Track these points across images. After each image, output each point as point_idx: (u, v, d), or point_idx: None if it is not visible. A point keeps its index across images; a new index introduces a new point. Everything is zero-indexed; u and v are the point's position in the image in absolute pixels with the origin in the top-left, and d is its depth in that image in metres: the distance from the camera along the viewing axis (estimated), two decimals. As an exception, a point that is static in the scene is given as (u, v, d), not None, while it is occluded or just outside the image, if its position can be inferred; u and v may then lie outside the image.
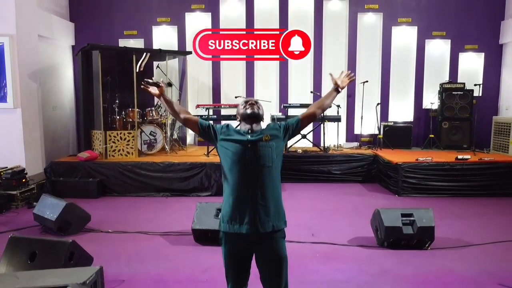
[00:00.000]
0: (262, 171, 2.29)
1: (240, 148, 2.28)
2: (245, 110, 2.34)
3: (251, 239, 2.30)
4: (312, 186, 7.15)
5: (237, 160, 2.28)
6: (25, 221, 5.13)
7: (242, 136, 2.32)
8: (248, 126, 2.35)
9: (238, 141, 2.31)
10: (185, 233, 4.59)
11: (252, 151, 2.28)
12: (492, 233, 4.64)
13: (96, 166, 6.56)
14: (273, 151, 2.33)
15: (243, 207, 2.28)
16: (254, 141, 2.30)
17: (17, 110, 6.54)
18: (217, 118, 7.70)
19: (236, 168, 2.29)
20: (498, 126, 7.71)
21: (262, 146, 2.30)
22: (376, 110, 8.17)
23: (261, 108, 2.39)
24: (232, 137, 2.33)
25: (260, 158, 2.28)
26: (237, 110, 2.46)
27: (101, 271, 3.12)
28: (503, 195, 6.38)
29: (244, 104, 2.39)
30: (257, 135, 2.32)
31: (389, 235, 4.16)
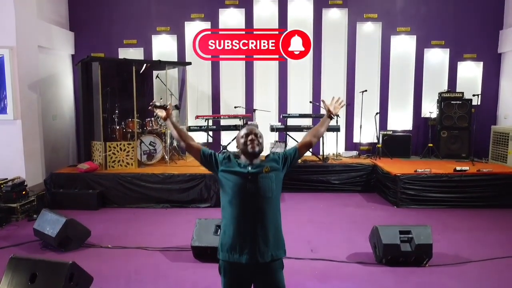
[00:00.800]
0: (263, 202, 2.34)
1: (241, 180, 2.33)
2: (245, 147, 2.38)
3: (250, 269, 2.34)
4: (311, 196, 7.17)
5: (238, 192, 2.33)
6: (26, 235, 5.14)
7: (243, 169, 2.37)
8: (249, 160, 2.39)
9: (238, 173, 2.36)
10: (185, 248, 4.61)
11: (253, 183, 2.33)
12: (490, 249, 4.66)
13: (96, 177, 6.59)
14: (273, 182, 2.38)
15: (243, 237, 2.32)
16: (255, 173, 2.35)
17: (17, 122, 6.56)
18: (217, 128, 7.73)
19: (236, 199, 2.34)
20: (497, 136, 7.74)
21: (262, 177, 2.35)
22: (375, 119, 8.19)
23: (261, 142, 2.42)
24: (233, 169, 2.38)
25: (261, 190, 2.33)
26: (236, 138, 2.50)
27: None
28: (501, 206, 6.41)
29: (244, 138, 2.41)
30: (257, 167, 2.38)
31: (387, 253, 4.19)
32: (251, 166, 2.38)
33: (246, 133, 2.41)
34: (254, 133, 2.40)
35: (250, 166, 2.38)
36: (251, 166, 2.38)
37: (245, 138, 2.39)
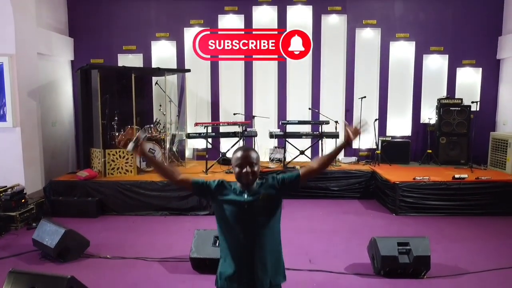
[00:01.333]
0: (260, 230, 2.26)
1: (237, 209, 2.26)
2: (239, 178, 2.27)
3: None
4: (310, 203, 7.19)
5: (235, 221, 2.26)
6: (25, 244, 5.15)
7: (239, 196, 2.28)
8: (244, 187, 2.30)
9: (234, 202, 2.27)
10: (183, 259, 4.62)
11: (249, 211, 2.25)
12: (488, 259, 4.68)
13: (95, 185, 6.60)
14: (270, 209, 2.30)
15: (241, 267, 2.26)
16: (251, 201, 2.26)
17: (16, 129, 6.57)
18: (216, 135, 7.73)
19: (233, 228, 2.27)
20: (496, 142, 7.75)
21: (259, 206, 2.26)
22: (374, 125, 8.20)
23: (257, 170, 2.28)
24: (228, 197, 2.29)
25: (257, 218, 2.26)
26: (232, 161, 2.35)
27: (99, 310, 3.16)
28: (500, 214, 6.43)
29: (239, 168, 2.27)
30: (253, 194, 2.28)
31: (386, 264, 4.20)
32: (247, 193, 2.28)
33: (241, 163, 2.26)
34: (249, 162, 2.25)
35: (246, 193, 2.28)
36: (247, 193, 2.28)
37: (240, 169, 2.26)
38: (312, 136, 7.94)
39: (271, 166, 7.80)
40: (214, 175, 7.08)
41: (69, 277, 3.41)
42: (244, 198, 2.27)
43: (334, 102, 8.64)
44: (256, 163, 2.27)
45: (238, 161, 2.26)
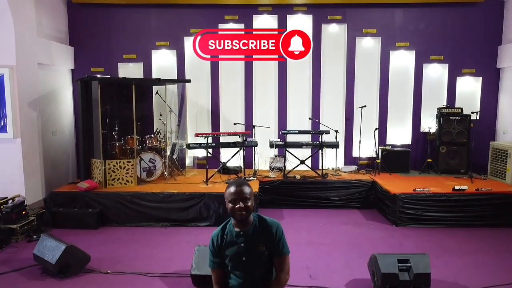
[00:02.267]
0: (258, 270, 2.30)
1: (235, 252, 2.30)
2: (233, 214, 2.27)
3: None
4: (310, 213, 7.20)
5: (234, 262, 2.30)
6: (25, 259, 5.15)
7: (236, 239, 2.31)
8: (239, 226, 2.31)
9: (232, 245, 2.32)
10: (184, 274, 4.63)
11: (246, 254, 2.29)
12: (488, 275, 4.68)
13: (96, 196, 6.60)
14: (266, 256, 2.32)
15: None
16: (247, 247, 2.29)
17: (17, 140, 6.58)
18: (216, 146, 7.75)
19: (235, 268, 2.32)
20: (495, 152, 7.76)
21: (255, 252, 2.30)
22: (374, 135, 8.22)
23: (250, 204, 2.27)
24: (227, 241, 2.33)
25: (254, 262, 2.29)
26: (225, 196, 2.33)
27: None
28: (500, 225, 6.44)
29: (232, 204, 2.27)
30: (249, 238, 2.29)
31: (386, 282, 4.20)
32: (242, 238, 2.29)
33: (234, 199, 2.26)
34: (242, 197, 2.24)
35: (242, 237, 2.29)
36: (242, 237, 2.29)
37: (233, 205, 2.26)
38: (312, 145, 7.95)
39: (271, 176, 7.81)
40: (214, 185, 7.09)
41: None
42: (241, 245, 2.29)
43: (334, 111, 8.65)
44: (249, 198, 2.25)
45: (231, 196, 2.26)
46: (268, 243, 2.24)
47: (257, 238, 2.24)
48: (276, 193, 7.51)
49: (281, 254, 2.29)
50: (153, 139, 7.53)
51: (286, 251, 2.31)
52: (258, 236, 2.24)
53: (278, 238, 2.27)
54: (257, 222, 2.28)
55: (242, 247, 2.23)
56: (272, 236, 2.26)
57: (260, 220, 2.31)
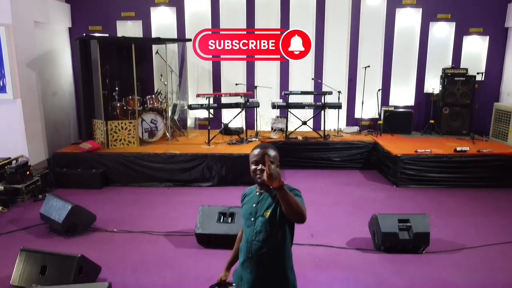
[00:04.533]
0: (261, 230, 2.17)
1: (248, 207, 2.25)
2: (254, 176, 2.17)
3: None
4: (312, 174, 7.27)
5: (246, 217, 2.26)
6: (32, 218, 5.25)
7: (251, 201, 2.24)
8: (258, 188, 2.25)
9: (249, 200, 2.27)
10: (188, 233, 4.72)
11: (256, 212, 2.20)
12: (486, 234, 4.79)
13: (99, 157, 6.63)
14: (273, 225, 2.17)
15: (245, 259, 2.25)
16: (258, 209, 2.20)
17: (17, 101, 6.54)
18: (218, 106, 7.68)
19: (245, 223, 2.27)
20: (499, 113, 7.72)
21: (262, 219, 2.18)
22: (377, 95, 8.14)
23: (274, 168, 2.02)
24: (245, 201, 2.30)
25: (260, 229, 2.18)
26: (249, 158, 2.22)
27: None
28: (501, 186, 6.51)
29: (254, 165, 2.16)
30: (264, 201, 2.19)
31: (386, 241, 4.30)
32: (258, 199, 2.20)
33: (256, 161, 2.15)
34: (268, 159, 2.03)
35: (258, 198, 2.21)
36: (258, 198, 2.21)
37: (255, 166, 2.15)
38: (314, 106, 7.89)
39: (273, 137, 7.81)
40: (216, 146, 7.11)
41: (79, 256, 3.52)
42: (256, 199, 2.22)
43: (337, 71, 8.51)
44: (272, 162, 2.06)
45: (253, 157, 2.16)
46: (278, 207, 2.10)
47: (269, 202, 2.14)
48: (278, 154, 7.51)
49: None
50: (154, 100, 7.47)
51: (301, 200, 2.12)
52: (270, 200, 2.14)
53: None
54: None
55: (253, 208, 2.19)
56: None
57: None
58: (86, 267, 3.59)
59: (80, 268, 3.51)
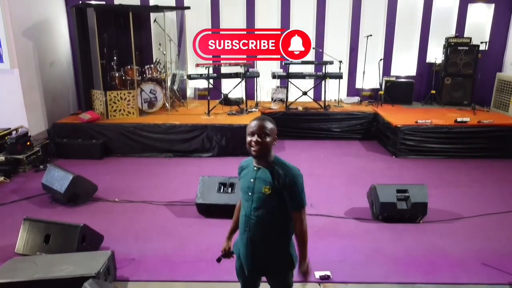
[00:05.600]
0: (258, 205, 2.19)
1: (246, 182, 2.24)
2: (249, 145, 2.15)
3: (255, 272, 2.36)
4: (312, 144, 7.28)
5: (244, 191, 2.26)
6: (34, 188, 5.30)
7: (249, 175, 2.23)
8: (255, 161, 2.23)
9: (246, 175, 2.25)
10: (189, 203, 4.78)
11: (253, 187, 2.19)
12: (484, 204, 4.84)
13: (99, 127, 6.63)
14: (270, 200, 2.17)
15: (243, 233, 2.28)
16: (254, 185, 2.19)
17: (14, 71, 6.46)
18: (217, 76, 7.59)
19: (243, 197, 2.28)
20: (501, 84, 7.65)
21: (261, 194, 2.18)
22: (378, 65, 8.04)
23: (268, 141, 2.13)
24: (242, 174, 2.29)
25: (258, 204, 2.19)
26: (246, 129, 2.20)
27: (112, 256, 3.36)
28: (500, 157, 6.53)
29: (250, 137, 2.14)
30: (260, 177, 2.17)
31: (384, 210, 4.36)
32: (255, 173, 2.18)
33: (251, 132, 2.14)
34: (259, 132, 2.10)
35: (256, 173, 2.19)
36: (256, 173, 2.19)
37: (250, 138, 2.14)
38: (315, 76, 7.81)
39: (273, 107, 7.78)
40: (216, 116, 7.09)
41: (81, 226, 3.58)
42: (254, 175, 2.20)
43: (338, 41, 8.36)
44: (268, 134, 2.11)
45: (249, 129, 2.15)
46: (276, 188, 2.11)
47: (267, 179, 2.13)
48: (278, 125, 7.24)
49: (292, 208, 2.14)
50: (153, 70, 7.39)
51: (298, 205, 2.13)
52: (269, 177, 2.13)
53: (290, 188, 2.11)
54: (276, 165, 2.15)
55: (251, 183, 2.17)
56: (283, 184, 2.11)
57: (280, 163, 2.16)
58: (89, 236, 3.66)
59: (83, 237, 3.58)
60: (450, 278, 3.40)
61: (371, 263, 3.64)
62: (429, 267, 3.56)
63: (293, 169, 2.16)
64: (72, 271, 2.99)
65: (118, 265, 3.48)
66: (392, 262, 3.65)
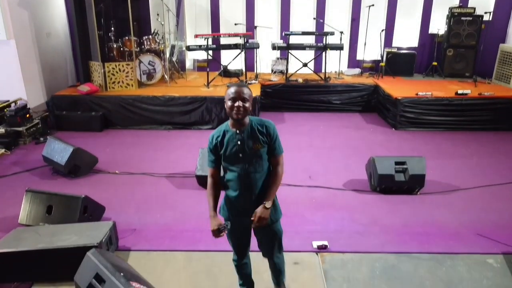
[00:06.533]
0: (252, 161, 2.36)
1: (234, 147, 2.34)
2: (231, 113, 2.28)
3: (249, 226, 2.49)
4: (312, 116, 7.28)
5: (233, 156, 2.35)
6: (35, 160, 5.33)
7: (232, 139, 2.34)
8: (236, 126, 2.34)
9: (229, 144, 2.35)
10: (189, 175, 4.83)
11: (242, 148, 2.33)
12: (481, 176, 4.89)
13: (98, 100, 6.60)
14: (262, 154, 2.38)
15: (242, 190, 2.41)
16: (243, 145, 2.33)
17: (11, 42, 6.38)
18: (217, 48, 7.49)
19: (233, 162, 2.38)
20: (504, 55, 7.56)
21: (252, 152, 2.35)
22: (380, 36, 7.92)
23: (248, 106, 2.28)
24: (224, 140, 2.36)
25: (251, 161, 2.35)
26: (225, 96, 2.34)
27: (114, 226, 3.42)
28: (500, 129, 6.53)
29: (231, 102, 2.27)
30: (246, 137, 2.33)
31: (382, 182, 4.40)
32: (239, 136, 2.33)
33: (233, 97, 2.26)
34: (241, 97, 2.25)
35: (239, 135, 2.33)
36: (239, 135, 2.33)
37: (232, 103, 2.26)
38: (316, 47, 7.70)
39: (273, 79, 7.71)
40: (216, 88, 7.05)
41: (83, 197, 3.62)
42: (238, 138, 2.33)
43: (340, 11, 8.20)
44: (248, 99, 2.29)
45: (231, 95, 2.28)
46: (264, 142, 2.35)
47: (253, 137, 2.34)
48: (278, 97, 7.49)
49: (276, 154, 2.43)
50: (151, 41, 7.29)
51: (280, 151, 2.45)
52: (255, 135, 2.34)
53: (274, 138, 2.39)
54: (252, 123, 2.37)
55: (239, 145, 2.33)
56: (268, 136, 2.37)
57: (256, 121, 2.39)
58: (91, 207, 3.72)
59: (85, 208, 3.64)
60: (445, 248, 3.47)
61: (368, 234, 3.70)
62: (425, 238, 3.63)
63: (268, 121, 2.41)
64: (75, 241, 3.06)
65: (120, 236, 3.55)
66: (389, 233, 3.71)
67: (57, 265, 3.01)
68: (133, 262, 3.22)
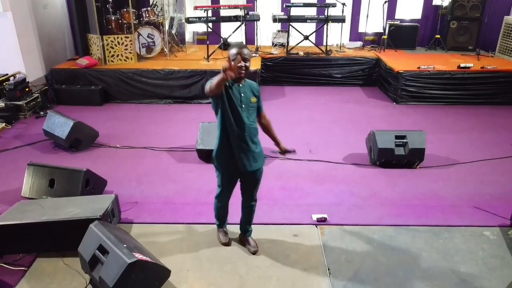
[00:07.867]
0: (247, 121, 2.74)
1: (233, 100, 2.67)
2: (239, 70, 2.57)
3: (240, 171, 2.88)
4: (313, 90, 7.24)
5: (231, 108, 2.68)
6: (36, 134, 5.34)
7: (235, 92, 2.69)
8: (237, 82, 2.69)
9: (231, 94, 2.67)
10: (189, 149, 4.85)
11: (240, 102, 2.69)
12: (480, 150, 4.91)
13: (97, 73, 6.55)
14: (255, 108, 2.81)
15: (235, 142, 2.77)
16: (245, 98, 2.71)
17: (7, 14, 6.28)
18: (217, 20, 7.36)
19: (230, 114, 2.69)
20: (508, 28, 7.43)
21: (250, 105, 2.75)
22: (383, 8, 7.76)
23: (249, 66, 2.64)
24: (231, 96, 2.67)
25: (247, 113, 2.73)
26: (228, 55, 2.63)
27: (116, 199, 3.46)
28: (502, 103, 6.51)
29: (234, 58, 2.55)
30: (246, 91, 2.72)
31: (382, 156, 4.43)
32: (242, 90, 2.70)
33: (242, 58, 2.57)
34: (244, 58, 2.58)
35: (242, 89, 2.69)
36: (242, 89, 2.70)
37: (240, 63, 2.56)
38: (317, 20, 7.57)
39: (273, 52, 7.62)
40: (216, 61, 6.97)
41: (84, 170, 3.65)
42: (241, 90, 2.71)
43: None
44: (249, 59, 2.63)
45: (234, 56, 2.59)
46: (257, 96, 2.79)
47: (251, 93, 2.74)
48: (279, 70, 7.42)
49: (261, 110, 2.91)
50: (150, 13, 7.16)
51: (262, 107, 2.93)
52: (251, 91, 2.75)
53: (260, 97, 2.84)
54: (246, 82, 2.75)
55: (242, 97, 2.68)
56: (257, 94, 2.81)
57: (247, 80, 2.77)
58: (93, 180, 3.75)
59: (87, 181, 3.67)
60: (443, 220, 3.52)
61: (366, 207, 3.75)
62: (423, 210, 3.68)
63: (254, 82, 2.87)
64: (78, 214, 3.10)
65: (122, 208, 3.60)
66: (387, 206, 3.76)
67: (61, 237, 3.06)
68: (135, 234, 3.28)
